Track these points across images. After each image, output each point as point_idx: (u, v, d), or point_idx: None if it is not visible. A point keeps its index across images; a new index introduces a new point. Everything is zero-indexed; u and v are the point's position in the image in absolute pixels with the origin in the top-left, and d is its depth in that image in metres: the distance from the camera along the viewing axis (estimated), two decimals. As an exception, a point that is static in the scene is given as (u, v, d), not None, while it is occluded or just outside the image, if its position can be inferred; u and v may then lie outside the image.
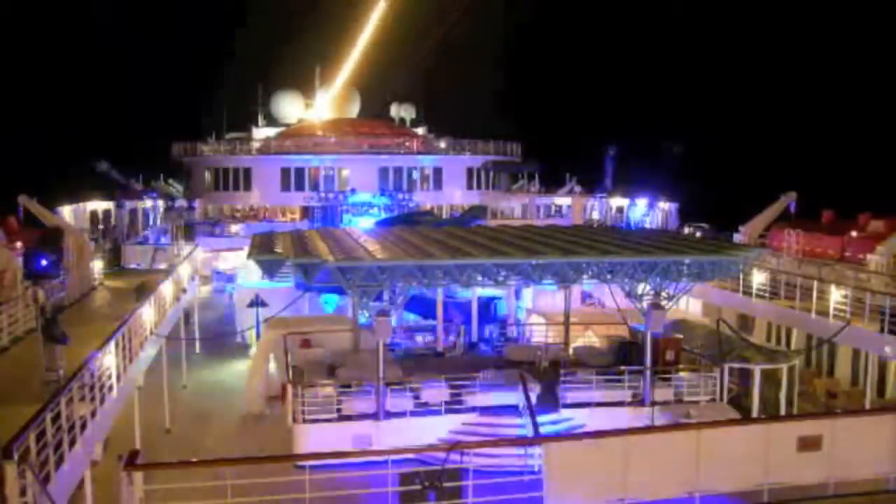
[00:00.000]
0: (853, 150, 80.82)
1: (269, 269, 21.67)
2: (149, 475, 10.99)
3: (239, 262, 39.29)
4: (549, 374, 23.59)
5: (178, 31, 78.27)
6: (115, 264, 33.86)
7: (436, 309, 28.53)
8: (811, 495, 12.53)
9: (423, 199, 52.66)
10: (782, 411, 22.98)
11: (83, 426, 14.16)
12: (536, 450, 14.07)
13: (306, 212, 51.42)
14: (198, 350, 31.73)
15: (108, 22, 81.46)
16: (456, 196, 55.77)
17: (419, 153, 55.52)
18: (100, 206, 46.36)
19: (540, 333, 29.65)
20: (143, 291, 23.82)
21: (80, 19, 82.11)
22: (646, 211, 48.41)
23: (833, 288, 24.97)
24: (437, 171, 55.84)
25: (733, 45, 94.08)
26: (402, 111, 63.46)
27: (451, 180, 55.97)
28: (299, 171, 53.22)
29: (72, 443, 13.32)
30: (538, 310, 32.01)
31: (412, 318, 31.31)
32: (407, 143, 55.98)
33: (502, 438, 20.02)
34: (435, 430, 20.60)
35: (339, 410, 20.98)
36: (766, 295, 27.98)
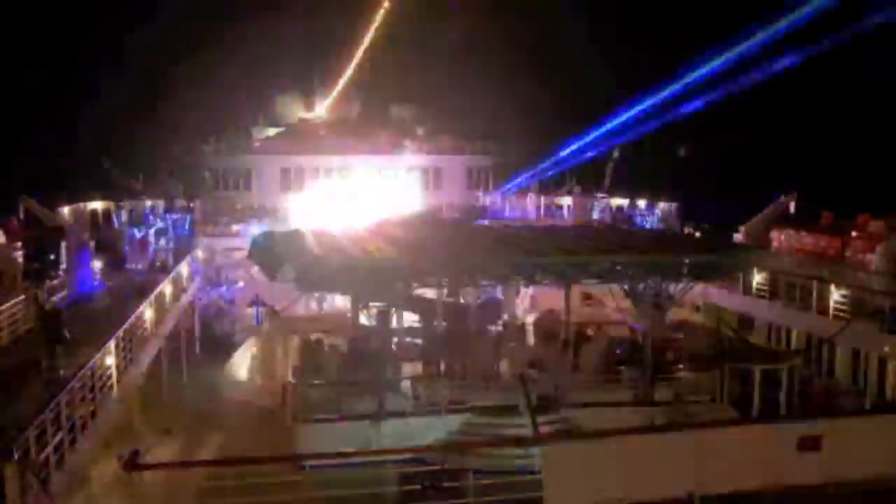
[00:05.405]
0: (853, 151, 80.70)
1: (269, 269, 21.64)
2: (149, 475, 10.98)
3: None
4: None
5: (177, 30, 78.06)
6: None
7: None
8: (811, 495, 12.52)
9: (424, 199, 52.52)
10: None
11: (83, 426, 14.16)
12: (536, 450, 14.06)
13: None
14: (198, 350, 31.72)
15: (108, 22, 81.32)
16: (456, 196, 55.68)
17: (419, 153, 55.46)
18: (100, 205, 46.26)
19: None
20: (143, 292, 23.84)
21: (83, 22, 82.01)
22: (646, 211, 48.28)
23: (833, 288, 24.96)
24: (437, 171, 55.76)
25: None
26: (402, 111, 63.38)
27: (451, 180, 55.87)
28: (299, 171, 53.21)
29: (72, 443, 13.32)
30: (538, 310, 31.91)
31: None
32: (407, 143, 55.87)
33: (502, 438, 19.99)
34: (435, 430, 20.59)
35: (339, 410, 20.97)
36: (766, 295, 27.96)
